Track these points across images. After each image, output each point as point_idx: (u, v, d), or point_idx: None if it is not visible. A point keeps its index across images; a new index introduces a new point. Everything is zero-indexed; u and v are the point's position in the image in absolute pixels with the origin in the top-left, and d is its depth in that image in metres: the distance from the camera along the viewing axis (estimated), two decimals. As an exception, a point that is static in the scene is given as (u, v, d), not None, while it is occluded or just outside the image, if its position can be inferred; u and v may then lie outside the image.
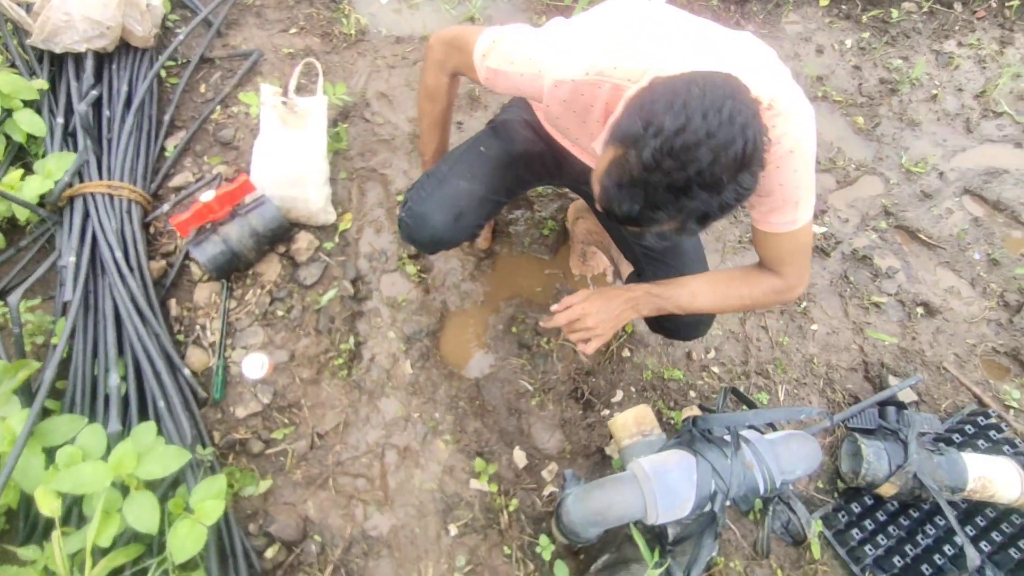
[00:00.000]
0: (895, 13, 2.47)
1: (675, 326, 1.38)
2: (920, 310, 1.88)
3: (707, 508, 1.12)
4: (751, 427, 1.26)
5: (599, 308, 1.20)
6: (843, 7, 2.50)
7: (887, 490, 1.49)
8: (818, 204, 2.04)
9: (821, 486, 1.59)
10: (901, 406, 1.59)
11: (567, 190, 1.89)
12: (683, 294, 1.19)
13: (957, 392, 1.77)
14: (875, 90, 2.31)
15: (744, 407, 1.38)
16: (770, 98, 0.92)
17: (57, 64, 1.84)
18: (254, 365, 1.55)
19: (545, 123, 1.38)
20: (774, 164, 0.97)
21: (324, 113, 1.73)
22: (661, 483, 1.10)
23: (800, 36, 2.42)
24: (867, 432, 1.57)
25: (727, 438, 1.16)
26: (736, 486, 1.10)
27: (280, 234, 1.68)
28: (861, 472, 1.48)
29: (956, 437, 1.64)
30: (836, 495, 1.58)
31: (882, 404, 1.60)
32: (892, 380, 1.71)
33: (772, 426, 1.33)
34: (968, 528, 1.52)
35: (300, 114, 1.69)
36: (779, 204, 1.04)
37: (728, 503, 1.13)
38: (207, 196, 1.55)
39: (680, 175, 0.77)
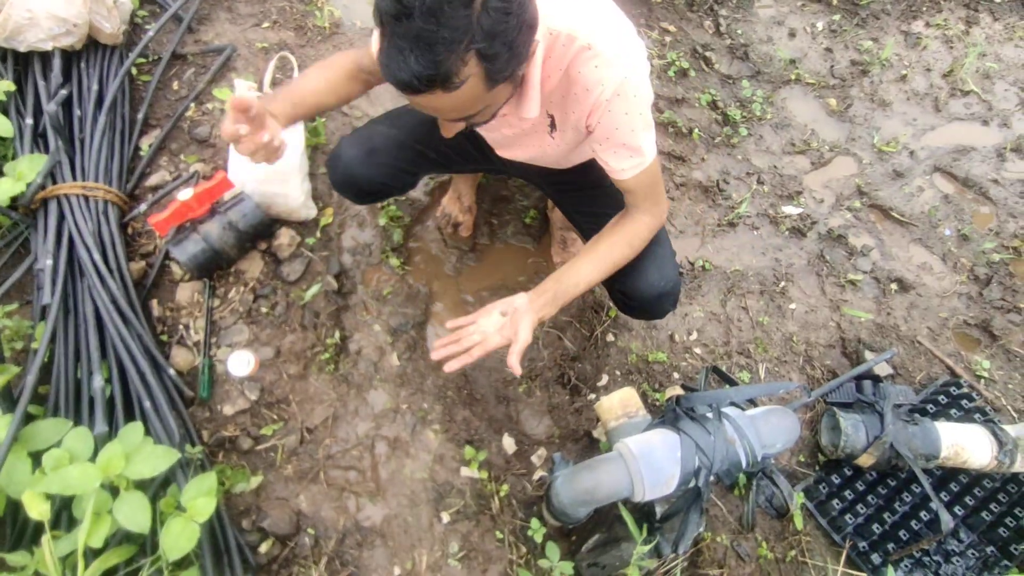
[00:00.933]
0: (864, -5, 2.52)
1: (635, 306, 1.38)
2: (894, 286, 1.93)
3: (692, 484, 1.15)
4: (733, 404, 1.29)
5: (500, 324, 1.24)
6: (814, -10, 2.53)
7: (865, 461, 1.54)
8: (793, 185, 2.08)
9: (802, 460, 1.64)
10: (877, 379, 1.64)
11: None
12: (570, 282, 1.22)
13: (931, 364, 1.82)
14: (847, 72, 2.35)
15: (726, 385, 1.42)
16: (589, 40, 0.99)
17: (22, 63, 1.79)
18: (240, 363, 1.55)
19: None
20: (603, 110, 1.04)
21: None
22: (647, 461, 1.13)
23: (773, 20, 2.45)
24: (845, 406, 1.62)
25: (709, 415, 1.19)
26: (719, 461, 1.13)
27: (261, 230, 1.67)
28: (840, 444, 1.53)
29: (930, 407, 1.69)
30: (817, 468, 1.63)
31: (859, 378, 1.65)
32: (868, 355, 1.76)
33: (753, 403, 1.37)
34: (942, 494, 1.58)
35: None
36: (620, 149, 1.10)
37: (712, 478, 1.16)
38: (185, 194, 1.54)
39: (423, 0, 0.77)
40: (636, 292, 1.34)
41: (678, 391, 1.56)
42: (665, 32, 2.34)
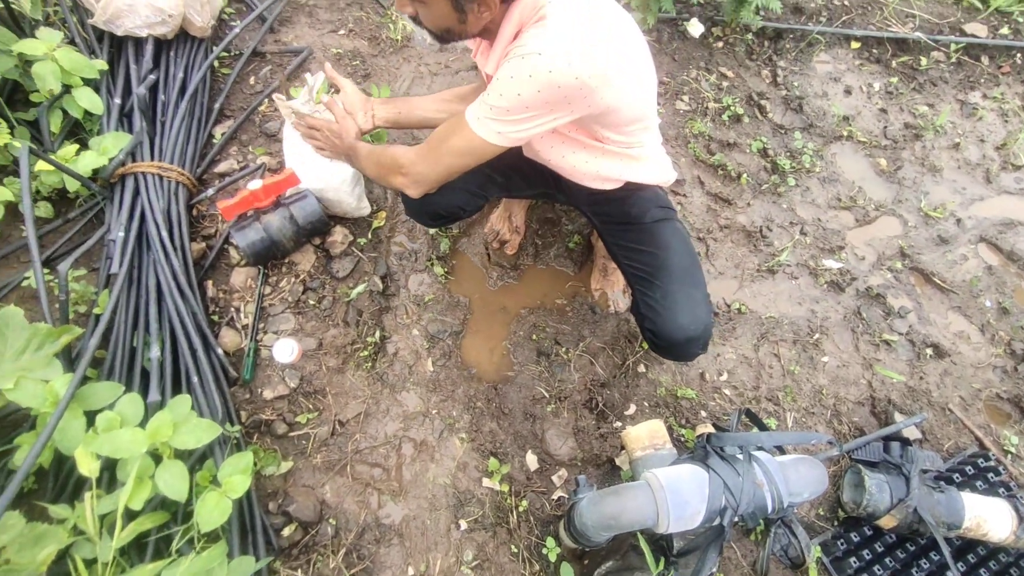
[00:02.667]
0: (924, 61, 2.54)
1: (663, 346, 1.42)
2: (929, 351, 1.93)
3: (716, 522, 1.17)
4: (760, 448, 1.31)
5: (326, 138, 1.52)
6: (874, 51, 2.56)
7: (887, 522, 1.53)
8: (836, 239, 2.10)
9: (822, 513, 1.63)
10: (906, 442, 1.63)
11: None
12: (362, 153, 1.45)
13: (960, 433, 1.81)
14: (899, 134, 2.37)
15: (756, 428, 1.43)
16: (549, 19, 1.06)
17: (116, 46, 1.91)
18: (284, 350, 1.61)
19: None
20: (509, 56, 1.09)
21: None
22: (674, 494, 1.15)
23: (830, 76, 2.48)
24: (870, 464, 1.62)
25: (739, 457, 1.21)
26: (746, 503, 1.15)
27: (319, 227, 1.74)
28: (863, 503, 1.52)
29: (956, 477, 1.68)
30: (836, 523, 1.62)
31: (887, 439, 1.65)
32: (898, 417, 1.75)
33: (781, 450, 1.38)
34: (960, 564, 1.56)
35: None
36: (488, 91, 1.13)
37: (736, 519, 1.17)
38: (254, 184, 1.62)
39: None
40: (664, 333, 1.37)
41: (709, 429, 1.58)
42: (723, 77, 2.39)
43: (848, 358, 1.89)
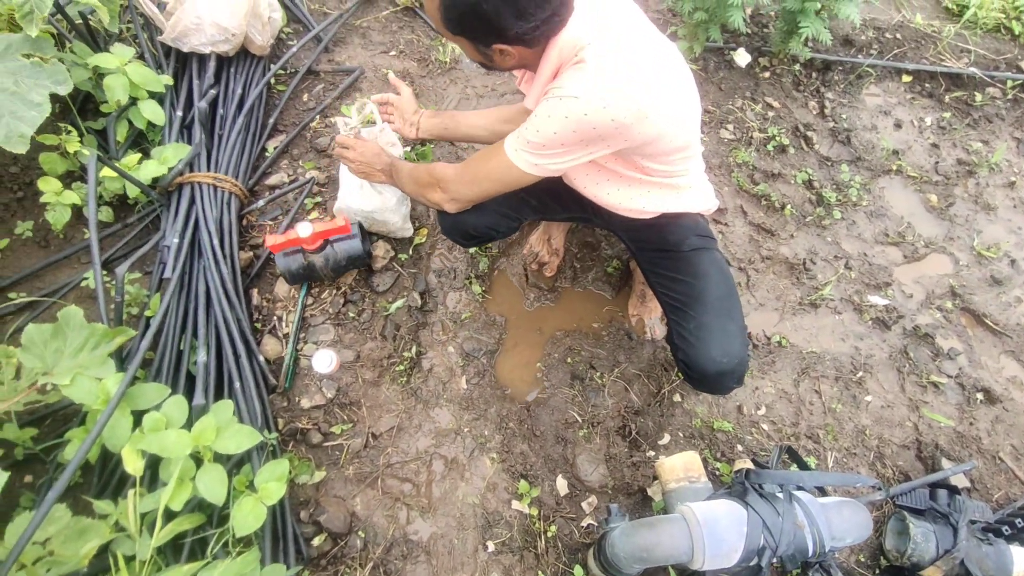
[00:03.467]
0: (978, 97, 2.48)
1: (695, 378, 1.40)
2: (980, 396, 1.85)
3: (753, 562, 1.14)
4: (801, 488, 1.27)
5: (360, 154, 1.58)
6: (926, 85, 2.51)
7: (931, 574, 1.46)
8: (883, 275, 2.04)
9: (863, 560, 1.57)
10: (954, 490, 1.56)
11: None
12: (403, 171, 1.52)
13: (1010, 484, 1.73)
14: (952, 170, 2.31)
15: (796, 467, 1.39)
16: (587, 56, 1.08)
17: (181, 62, 2.01)
18: (323, 360, 1.63)
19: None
20: (548, 96, 1.12)
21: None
22: (710, 529, 1.12)
23: (880, 109, 2.44)
24: (916, 512, 1.55)
25: (779, 495, 1.18)
26: (785, 544, 1.11)
27: (359, 264, 1.75)
28: (907, 551, 1.46)
29: (1005, 529, 1.59)
30: (877, 571, 1.55)
31: (934, 486, 1.58)
32: (945, 463, 1.68)
33: (822, 491, 1.34)
34: (1012, 625, 1.48)
35: (385, 135, 1.80)
36: (524, 125, 1.17)
37: (775, 560, 1.14)
38: (304, 230, 1.61)
39: None
40: (697, 365, 1.35)
41: (748, 464, 1.54)
42: (769, 107, 2.37)
43: (893, 398, 1.83)
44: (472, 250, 1.93)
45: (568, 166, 1.20)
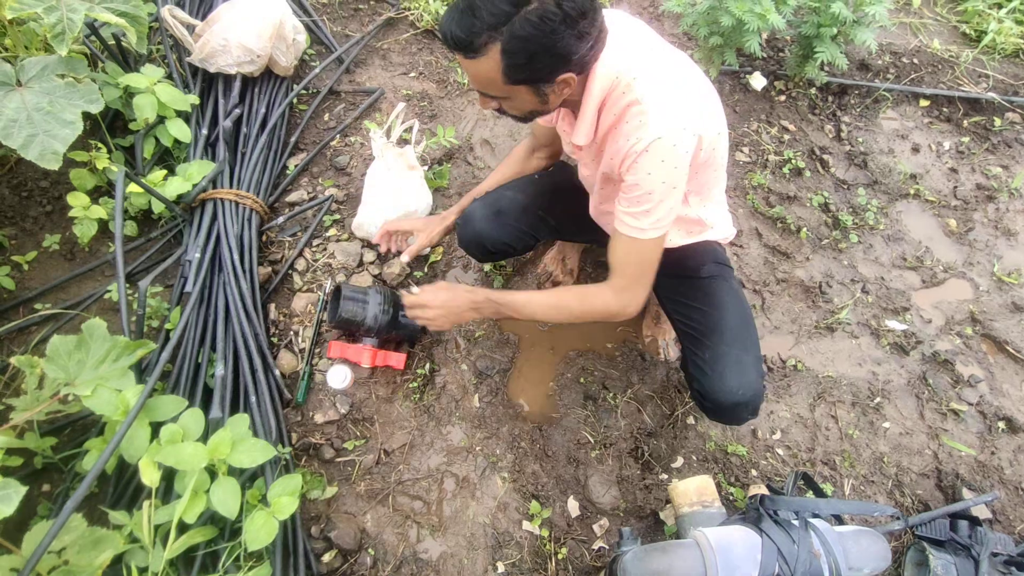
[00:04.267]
0: (998, 121, 2.46)
1: (710, 408, 1.38)
2: (1002, 425, 1.81)
3: (767, 590, 1.12)
4: (817, 515, 1.25)
5: (442, 302, 1.35)
6: (944, 110, 2.51)
7: (953, 608, 1.42)
8: (900, 300, 2.02)
9: (881, 591, 1.53)
10: (975, 521, 1.52)
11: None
12: (519, 300, 1.33)
13: (1036, 517, 1.68)
14: (971, 195, 2.29)
15: (812, 494, 1.37)
16: (640, 95, 1.08)
17: (207, 81, 2.07)
18: (338, 376, 1.65)
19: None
20: (632, 161, 1.11)
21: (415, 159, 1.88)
22: (724, 556, 1.11)
23: (897, 133, 2.44)
24: (936, 543, 1.52)
25: (795, 522, 1.16)
26: (800, 573, 1.09)
27: (412, 337, 1.78)
28: (927, 584, 1.42)
29: (1031, 565, 1.55)
30: (896, 604, 1.52)
31: (954, 516, 1.55)
32: (966, 493, 1.65)
33: (839, 519, 1.32)
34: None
35: (405, 157, 1.84)
36: (630, 202, 1.15)
37: (790, 589, 1.12)
38: (365, 358, 1.65)
39: None
40: (712, 395, 1.34)
41: (762, 490, 1.52)
42: (784, 130, 2.38)
43: (912, 425, 1.80)
44: (487, 268, 1.95)
45: (677, 205, 1.19)
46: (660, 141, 1.07)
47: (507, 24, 0.96)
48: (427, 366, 1.75)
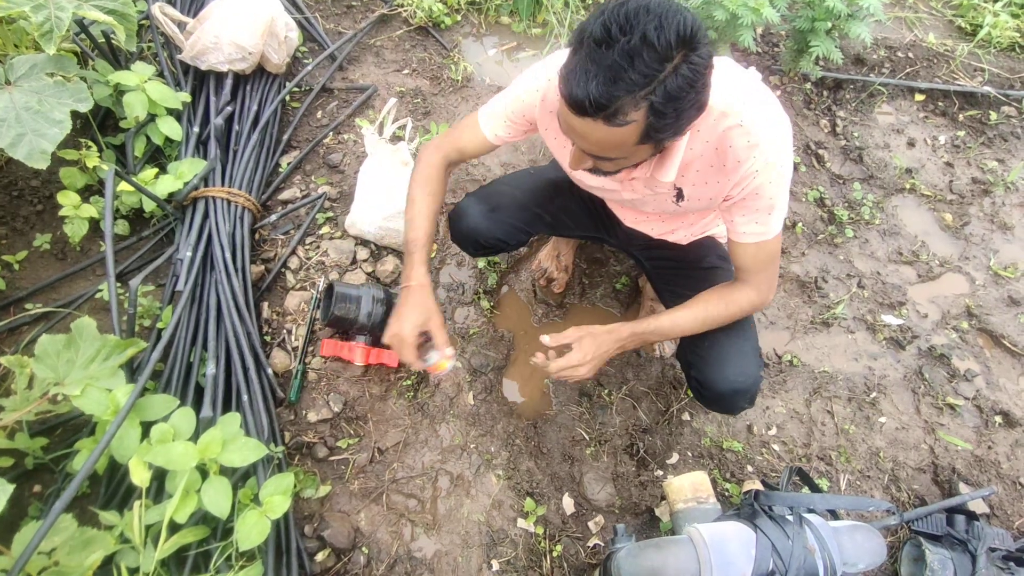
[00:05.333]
0: (993, 116, 2.45)
1: (709, 397, 1.37)
2: (999, 419, 1.81)
3: (762, 586, 1.11)
4: (812, 511, 1.24)
5: (592, 356, 1.27)
6: (939, 104, 2.50)
7: (950, 603, 1.42)
8: (896, 295, 2.02)
9: (877, 587, 1.53)
10: (972, 516, 1.52)
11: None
12: (664, 324, 1.29)
13: (1033, 511, 1.68)
14: (966, 189, 2.28)
15: (807, 489, 1.37)
16: (740, 119, 1.04)
17: (199, 79, 2.05)
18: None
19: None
20: (750, 180, 1.08)
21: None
22: (718, 552, 1.10)
23: (892, 127, 2.43)
24: (932, 538, 1.51)
25: (789, 518, 1.15)
26: (795, 568, 1.09)
27: None
28: (923, 579, 1.42)
29: (1029, 559, 1.54)
30: (892, 599, 1.51)
31: (951, 511, 1.54)
32: (963, 488, 1.64)
33: (834, 514, 1.31)
34: (1035, 659, 1.42)
35: (399, 154, 1.83)
36: (751, 213, 1.14)
37: (784, 585, 1.11)
38: (359, 357, 1.66)
39: (629, 39, 0.82)
40: (711, 384, 1.33)
41: (757, 486, 1.51)
42: (779, 125, 2.37)
43: (908, 420, 1.79)
44: (481, 264, 1.94)
45: None
46: (772, 154, 1.06)
47: (658, 83, 0.85)
48: (421, 364, 1.74)
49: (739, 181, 1.10)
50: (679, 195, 1.21)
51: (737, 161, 1.08)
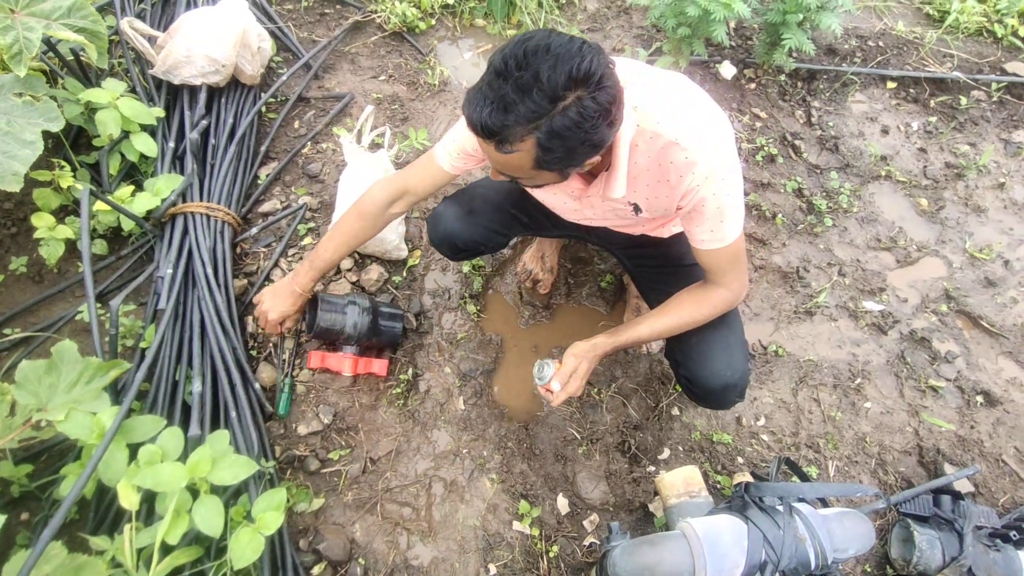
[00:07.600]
0: (964, 100, 2.50)
1: (698, 393, 1.39)
2: (980, 399, 1.84)
3: (755, 577, 1.12)
4: (802, 500, 1.26)
5: (582, 375, 1.35)
6: (911, 91, 2.54)
7: (939, 582, 1.45)
8: (876, 281, 2.05)
9: (868, 570, 1.55)
10: (957, 496, 1.55)
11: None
12: (643, 331, 1.32)
13: (1016, 487, 1.71)
14: (940, 174, 2.32)
15: (796, 478, 1.38)
16: (675, 136, 1.06)
17: (172, 94, 2.02)
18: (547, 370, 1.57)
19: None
20: (694, 193, 1.10)
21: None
22: (711, 546, 1.11)
23: (866, 116, 2.46)
24: (920, 519, 1.54)
25: (780, 508, 1.17)
26: (787, 558, 1.10)
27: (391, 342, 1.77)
28: (913, 560, 1.45)
29: (1013, 534, 1.57)
30: (884, 581, 1.54)
31: (937, 492, 1.57)
32: (948, 468, 1.67)
33: (823, 502, 1.33)
34: (1023, 633, 1.46)
35: (378, 161, 1.83)
36: (704, 222, 1.15)
37: (777, 575, 1.13)
38: (347, 367, 1.66)
39: (522, 75, 0.87)
40: (700, 379, 1.34)
41: (747, 478, 1.53)
42: (756, 118, 2.39)
43: (892, 404, 1.82)
44: (466, 269, 1.94)
45: None
46: (710, 167, 1.07)
47: (545, 119, 0.89)
48: (410, 371, 1.74)
49: (684, 194, 1.12)
50: (636, 207, 1.23)
51: (679, 176, 1.10)
